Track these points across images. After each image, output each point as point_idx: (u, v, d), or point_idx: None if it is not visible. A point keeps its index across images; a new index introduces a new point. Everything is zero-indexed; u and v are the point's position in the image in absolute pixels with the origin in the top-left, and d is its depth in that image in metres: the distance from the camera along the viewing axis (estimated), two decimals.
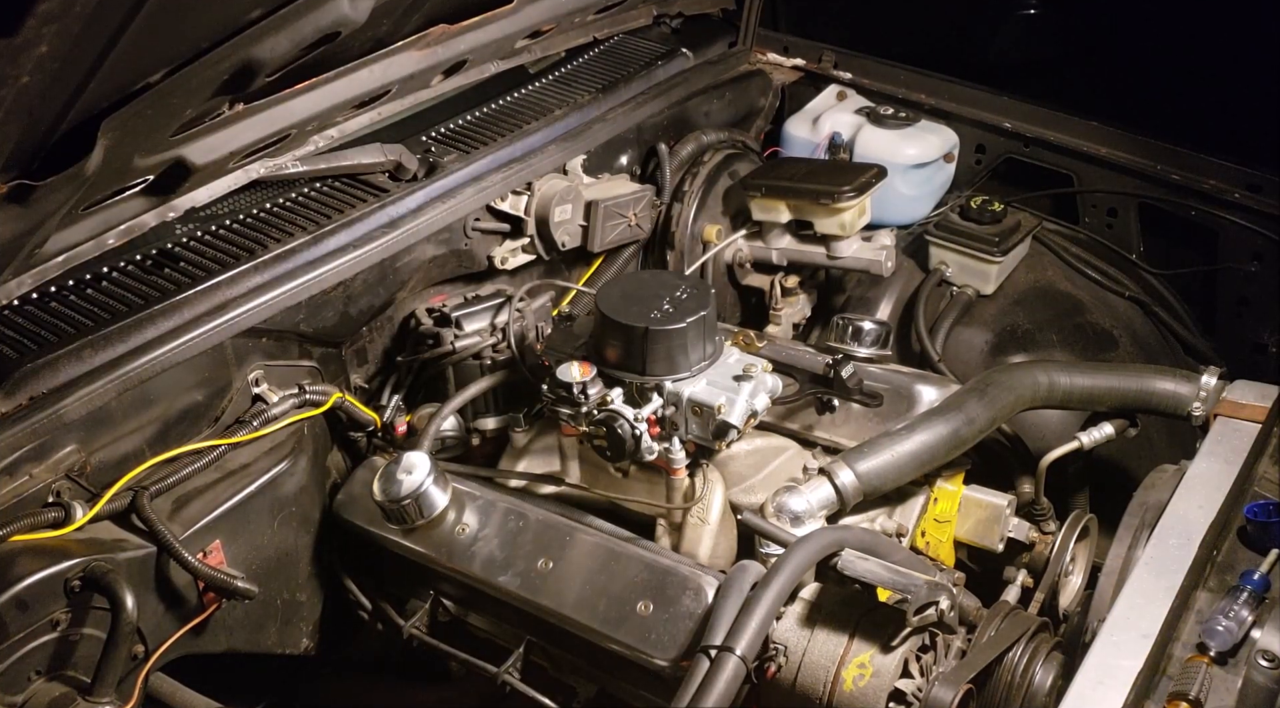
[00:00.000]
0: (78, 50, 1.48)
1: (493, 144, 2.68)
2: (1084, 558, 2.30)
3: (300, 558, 2.24)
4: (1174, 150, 2.91)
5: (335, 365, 2.45)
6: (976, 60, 3.41)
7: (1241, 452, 2.05)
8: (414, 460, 2.09)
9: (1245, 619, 1.67)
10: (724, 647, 1.72)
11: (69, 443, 1.97)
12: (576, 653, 2.05)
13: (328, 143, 2.44)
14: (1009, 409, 2.24)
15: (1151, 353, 2.93)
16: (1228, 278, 2.91)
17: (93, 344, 2.04)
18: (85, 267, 2.15)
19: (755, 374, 2.11)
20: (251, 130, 2.13)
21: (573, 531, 2.10)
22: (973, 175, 3.24)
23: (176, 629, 2.01)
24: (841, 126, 3.15)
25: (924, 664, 1.80)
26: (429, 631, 2.20)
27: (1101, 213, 3.06)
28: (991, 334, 2.88)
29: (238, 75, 1.89)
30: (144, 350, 2.07)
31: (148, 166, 2.00)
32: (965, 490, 2.27)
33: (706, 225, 2.98)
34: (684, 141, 3.05)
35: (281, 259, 2.28)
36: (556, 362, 2.15)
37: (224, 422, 2.19)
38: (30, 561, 1.83)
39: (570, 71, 3.03)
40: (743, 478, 2.27)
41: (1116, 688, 1.60)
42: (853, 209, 2.80)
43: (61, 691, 1.82)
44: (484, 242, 2.65)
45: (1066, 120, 3.06)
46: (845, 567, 1.80)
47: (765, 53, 3.45)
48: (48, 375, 1.99)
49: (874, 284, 2.98)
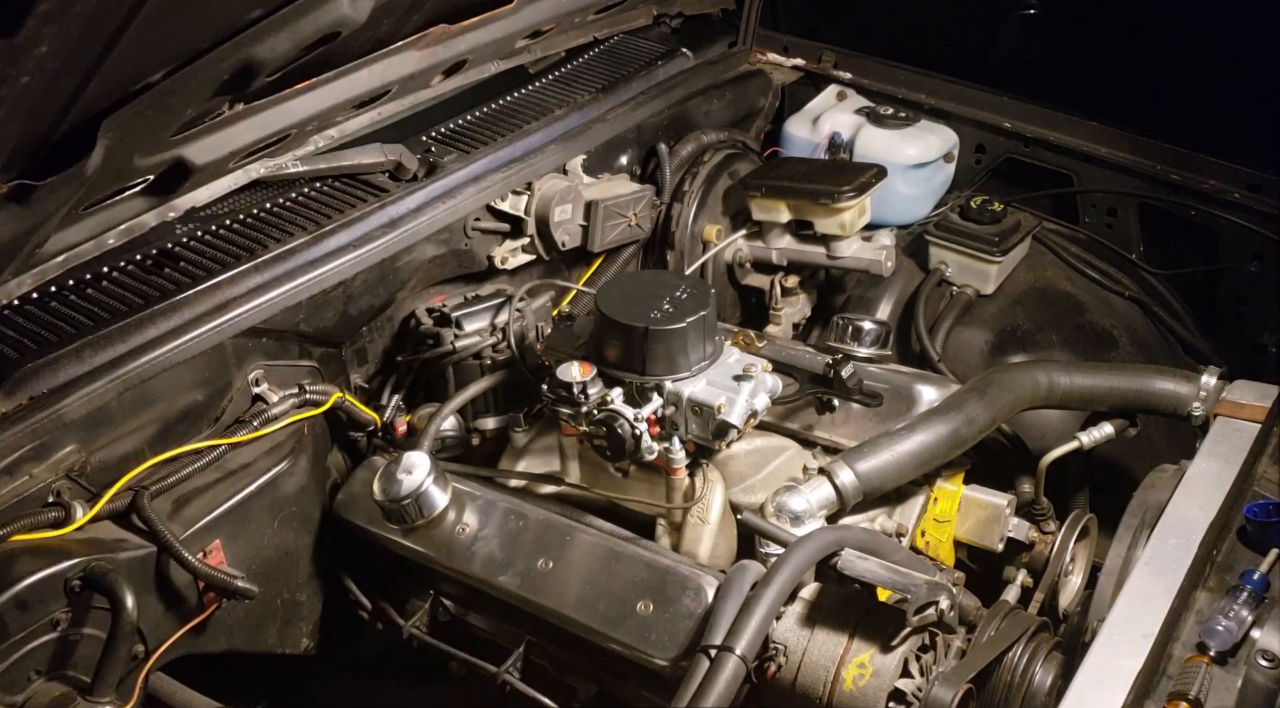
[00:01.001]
0: (78, 50, 1.48)
1: (493, 144, 2.68)
2: (1084, 558, 2.30)
3: (300, 558, 2.24)
4: (1174, 150, 2.91)
5: (335, 365, 2.45)
6: (976, 60, 3.41)
7: (1241, 452, 2.05)
8: (414, 460, 2.09)
9: (1245, 619, 1.67)
10: (724, 647, 1.72)
11: (69, 443, 1.97)
12: (576, 653, 2.05)
13: (328, 143, 2.44)
14: (1009, 409, 2.24)
15: (1151, 353, 2.93)
16: (1228, 278, 2.91)
17: (93, 344, 2.04)
18: (85, 267, 2.15)
19: (755, 374, 2.11)
20: (251, 130, 2.13)
21: (573, 530, 2.10)
22: (973, 175, 3.24)
23: (176, 629, 2.01)
24: (841, 126, 3.15)
25: (924, 664, 1.80)
26: (429, 631, 2.20)
27: (1101, 213, 3.06)
28: (991, 334, 2.88)
29: (238, 75, 1.89)
30: (144, 350, 2.07)
31: (148, 166, 2.00)
32: (965, 490, 2.27)
33: (706, 225, 2.98)
34: (684, 141, 3.05)
35: (281, 259, 2.28)
36: (556, 362, 2.15)
37: (224, 422, 2.19)
38: (30, 560, 1.83)
39: (570, 71, 3.03)
40: (743, 478, 2.27)
41: (1116, 688, 1.60)
42: (853, 209, 2.80)
43: (61, 690, 1.82)
44: (484, 241, 2.66)
45: (1066, 120, 3.06)
46: (845, 567, 1.80)
47: (765, 53, 3.45)
48: (48, 375, 1.98)
49: (874, 284, 2.98)
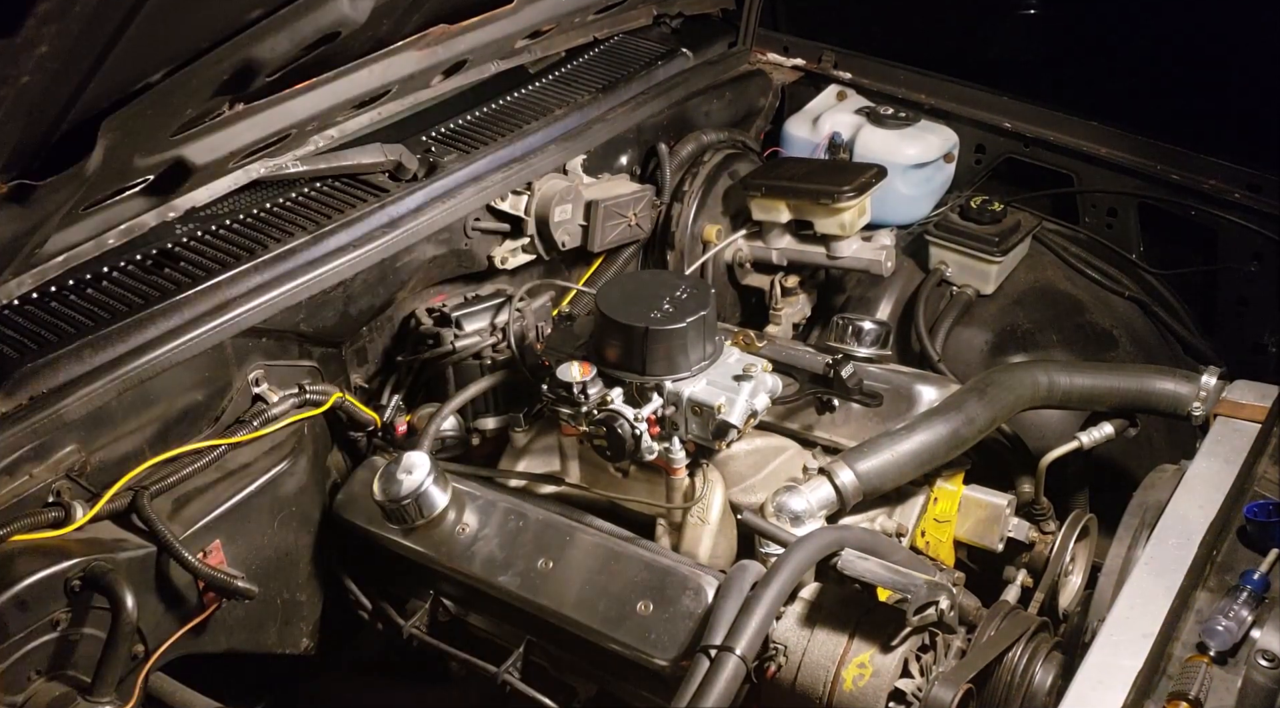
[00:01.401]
0: (78, 50, 1.48)
1: (493, 144, 2.68)
2: (1084, 558, 2.30)
3: (300, 558, 2.24)
4: (1174, 150, 2.91)
5: (335, 365, 2.45)
6: (976, 60, 3.40)
7: (1241, 452, 2.05)
8: (414, 460, 2.09)
9: (1245, 619, 1.67)
10: (724, 647, 1.72)
11: (69, 443, 1.97)
12: (576, 653, 2.05)
13: (328, 143, 2.44)
14: (1009, 409, 2.24)
15: (1151, 353, 2.93)
16: (1228, 278, 2.91)
17: (93, 344, 2.04)
18: (85, 267, 2.15)
19: (755, 374, 2.11)
20: (251, 130, 2.13)
21: (573, 530, 2.09)
22: (973, 175, 3.23)
23: (176, 629, 2.01)
24: (841, 126, 3.15)
25: (924, 664, 1.80)
26: (429, 631, 2.20)
27: (1101, 213, 3.06)
28: (991, 334, 2.88)
29: (238, 75, 1.89)
30: (144, 350, 2.07)
31: (148, 166, 2.00)
32: (965, 490, 2.27)
33: (706, 225, 2.98)
34: (684, 141, 3.05)
35: (281, 259, 2.28)
36: (556, 362, 2.15)
37: (224, 422, 2.19)
38: (30, 560, 1.83)
39: (570, 71, 3.03)
40: (743, 478, 2.27)
41: (1116, 688, 1.60)
42: (853, 209, 2.80)
43: (61, 690, 1.82)
44: (484, 241, 2.66)
45: (1066, 120, 3.06)
46: (845, 567, 1.80)
47: (765, 53, 3.45)
48: (48, 375, 1.99)
49: (874, 284, 2.98)
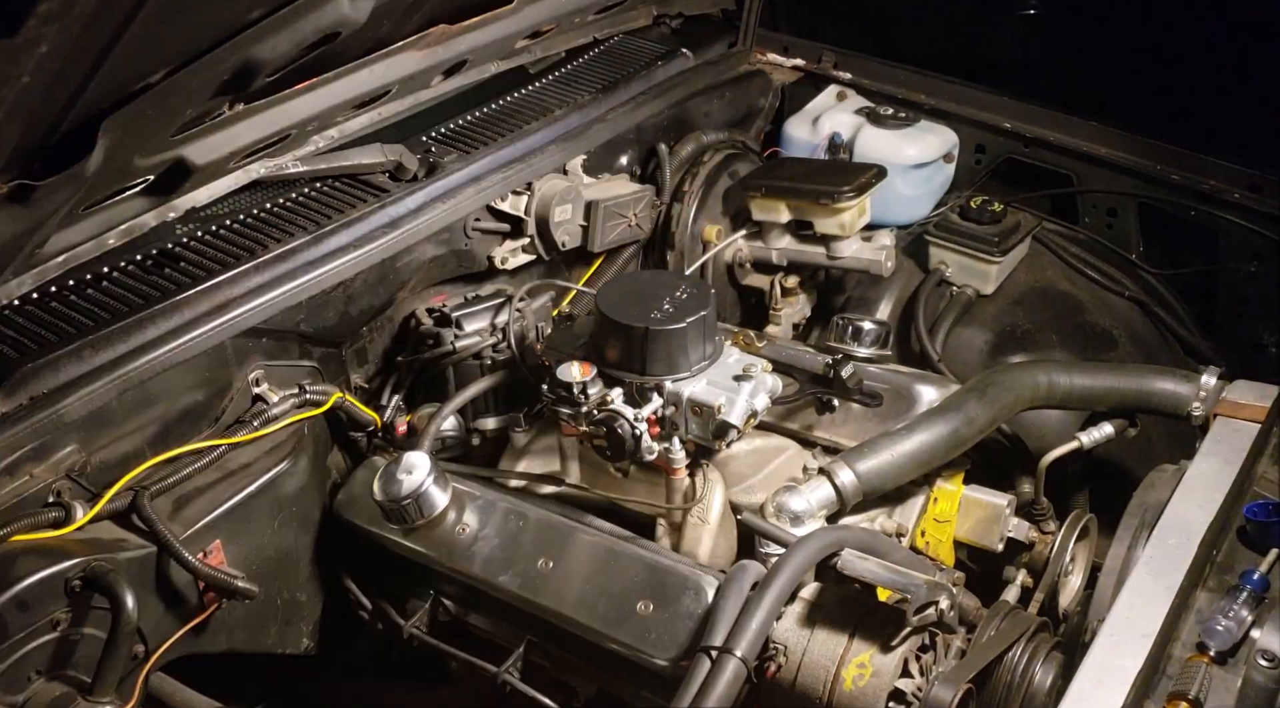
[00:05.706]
0: (78, 50, 1.48)
1: (493, 144, 2.68)
2: (1084, 558, 2.30)
3: (300, 558, 2.24)
4: (1174, 150, 2.91)
5: (335, 365, 2.45)
6: (976, 60, 3.40)
7: (1241, 452, 2.05)
8: (414, 460, 2.09)
9: (1245, 619, 1.67)
10: (724, 647, 1.72)
11: (69, 443, 1.97)
12: (576, 653, 2.05)
13: (328, 143, 2.44)
14: (1009, 409, 2.24)
15: (1151, 353, 2.93)
16: (1228, 278, 2.91)
17: (93, 344, 2.04)
18: (85, 267, 2.15)
19: (755, 374, 2.11)
20: (251, 130, 2.13)
21: (573, 530, 2.09)
22: (973, 175, 3.23)
23: (177, 629, 2.01)
24: (841, 126, 3.15)
25: (924, 664, 1.80)
26: (429, 631, 2.20)
27: (1101, 213, 3.06)
28: (991, 334, 2.88)
29: (238, 75, 1.89)
30: (144, 350, 2.07)
31: (148, 166, 2.00)
32: (965, 490, 2.27)
33: (706, 225, 2.98)
34: (684, 142, 3.04)
35: (281, 259, 2.28)
36: (556, 362, 2.15)
37: (224, 422, 2.19)
38: (30, 561, 1.83)
39: (570, 72, 3.03)
40: (743, 478, 2.27)
41: (1116, 688, 1.60)
42: (853, 209, 2.80)
43: (62, 690, 1.82)
44: (484, 242, 2.65)
45: (1066, 120, 3.06)
46: (845, 567, 1.80)
47: (765, 53, 3.44)
48: (48, 375, 1.99)
49: (874, 284, 2.98)
